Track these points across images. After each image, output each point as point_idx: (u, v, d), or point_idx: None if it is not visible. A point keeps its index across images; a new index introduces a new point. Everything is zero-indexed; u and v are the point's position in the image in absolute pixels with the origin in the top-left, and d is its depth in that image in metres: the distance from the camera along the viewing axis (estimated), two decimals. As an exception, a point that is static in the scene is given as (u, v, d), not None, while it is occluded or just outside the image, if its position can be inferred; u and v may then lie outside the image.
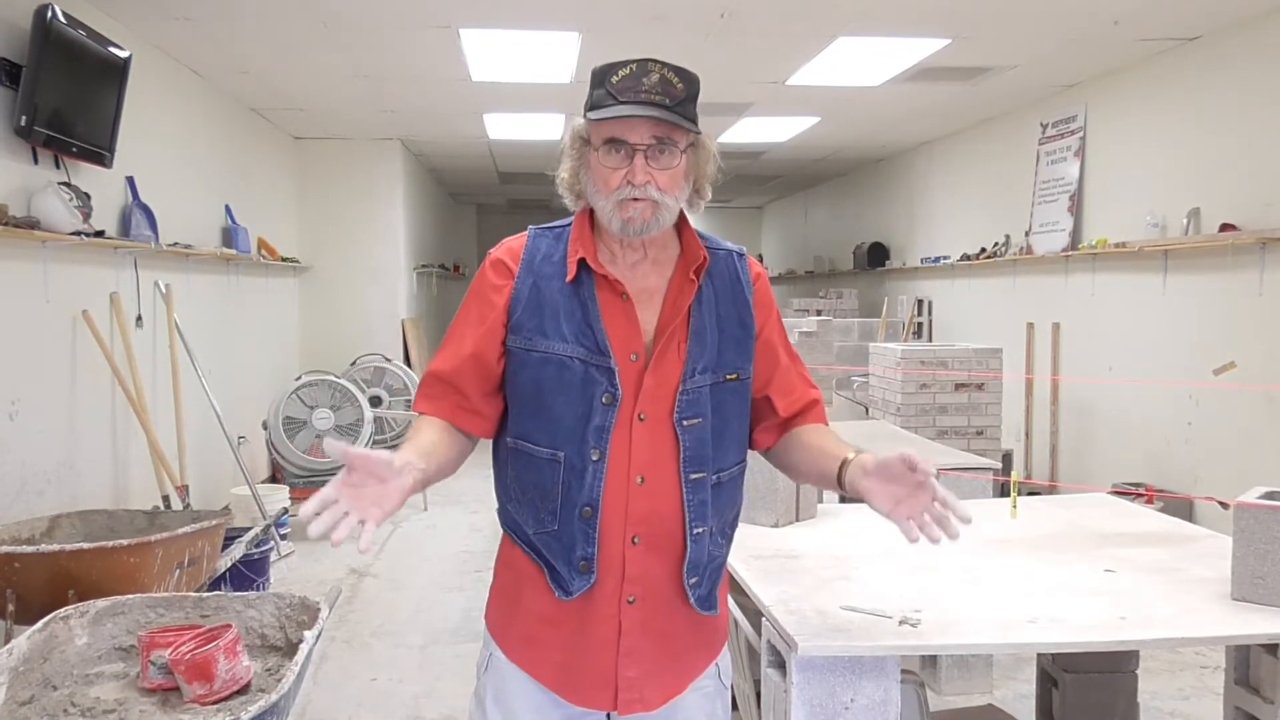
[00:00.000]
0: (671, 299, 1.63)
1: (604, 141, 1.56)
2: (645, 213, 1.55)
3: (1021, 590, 2.18)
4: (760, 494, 2.75)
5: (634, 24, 5.19)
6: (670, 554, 1.61)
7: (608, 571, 1.58)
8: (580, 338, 1.58)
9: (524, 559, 1.65)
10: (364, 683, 3.91)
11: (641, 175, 1.53)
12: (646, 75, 1.53)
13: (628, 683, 1.61)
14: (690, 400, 1.60)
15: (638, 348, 1.59)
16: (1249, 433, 5.00)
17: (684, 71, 1.56)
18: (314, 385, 6.16)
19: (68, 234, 4.15)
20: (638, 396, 1.58)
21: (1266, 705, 2.03)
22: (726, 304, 1.66)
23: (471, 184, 13.18)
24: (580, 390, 1.57)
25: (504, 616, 1.69)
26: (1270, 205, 4.88)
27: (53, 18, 4.01)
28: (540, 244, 1.66)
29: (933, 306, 9.03)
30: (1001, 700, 3.56)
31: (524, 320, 1.60)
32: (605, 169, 1.56)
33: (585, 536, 1.57)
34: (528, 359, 1.59)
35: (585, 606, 1.60)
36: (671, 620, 1.64)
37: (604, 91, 1.55)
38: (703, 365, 1.61)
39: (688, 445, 1.59)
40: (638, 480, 1.58)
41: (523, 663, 1.65)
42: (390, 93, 6.91)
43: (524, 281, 1.62)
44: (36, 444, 4.16)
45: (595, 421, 1.56)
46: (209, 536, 3.56)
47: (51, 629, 2.68)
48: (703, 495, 1.61)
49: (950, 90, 6.82)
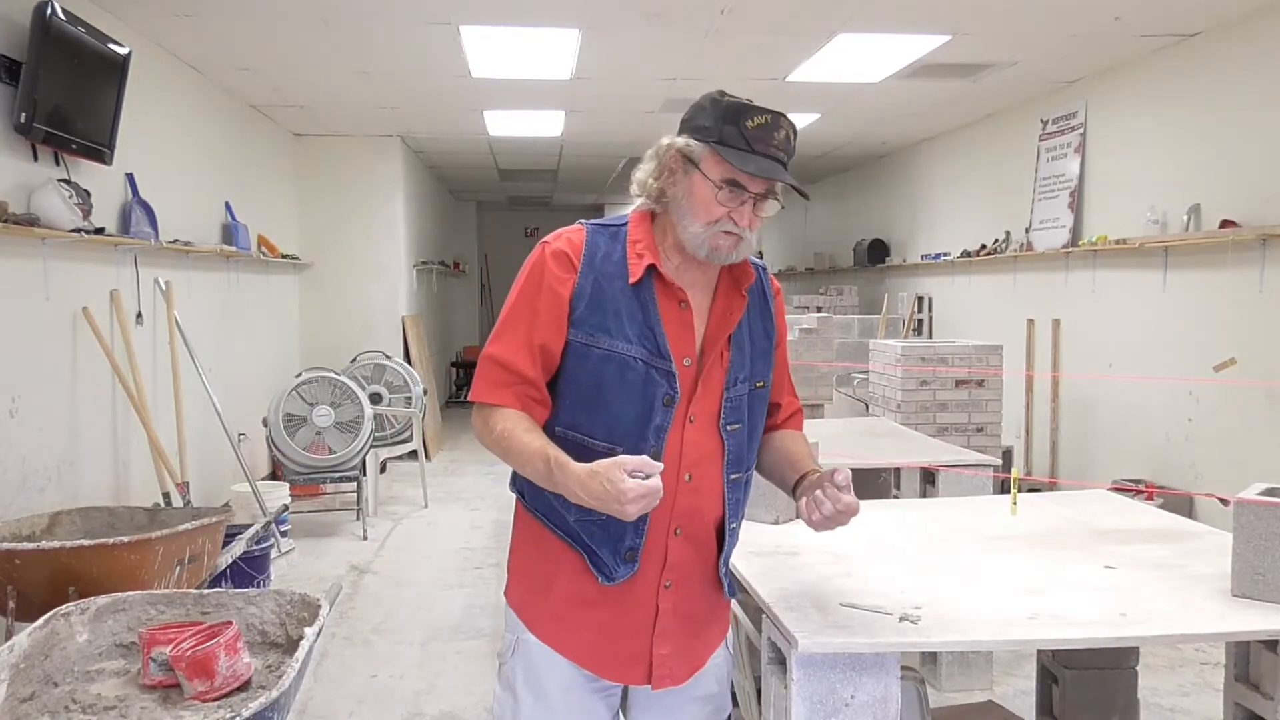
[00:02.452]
0: (719, 312, 1.73)
1: (724, 180, 1.62)
2: (732, 245, 1.66)
3: (1022, 587, 2.18)
4: (761, 491, 2.75)
5: (634, 21, 5.19)
6: (706, 545, 1.75)
7: (650, 560, 1.69)
8: (643, 339, 1.65)
9: (559, 544, 1.71)
10: (364, 679, 3.91)
11: (747, 219, 1.65)
12: (779, 129, 1.62)
13: (661, 659, 1.73)
14: (733, 407, 1.72)
15: (691, 354, 1.69)
16: (1249, 429, 5.00)
17: (796, 130, 1.67)
18: (314, 382, 6.16)
19: (68, 231, 4.15)
20: (690, 400, 1.68)
21: (1267, 701, 2.03)
22: (756, 317, 1.78)
23: (472, 181, 13.17)
24: (642, 390, 1.64)
25: (534, 598, 1.75)
26: (1271, 201, 4.87)
27: (52, 14, 4.01)
28: (599, 241, 1.70)
29: (933, 303, 9.02)
30: (1002, 697, 3.57)
31: (586, 316, 1.65)
32: (713, 201, 1.63)
33: (635, 529, 1.66)
34: (589, 354, 1.65)
35: (625, 591, 1.70)
36: (701, 604, 1.78)
37: (737, 132, 1.60)
38: (743, 375, 1.74)
39: (731, 449, 1.73)
40: (686, 478, 1.69)
41: (551, 640, 1.72)
42: (390, 89, 6.91)
43: (586, 277, 1.67)
44: (37, 441, 4.16)
45: (656, 421, 1.65)
46: (209, 533, 3.56)
47: (52, 626, 2.68)
48: (739, 494, 1.77)
49: (950, 86, 6.82)
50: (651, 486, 1.47)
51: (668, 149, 1.68)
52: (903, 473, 4.21)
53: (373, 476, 6.66)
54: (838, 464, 4.55)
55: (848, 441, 4.31)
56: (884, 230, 10.38)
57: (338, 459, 6.10)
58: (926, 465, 3.90)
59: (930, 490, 3.92)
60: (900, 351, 5.71)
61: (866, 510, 3.07)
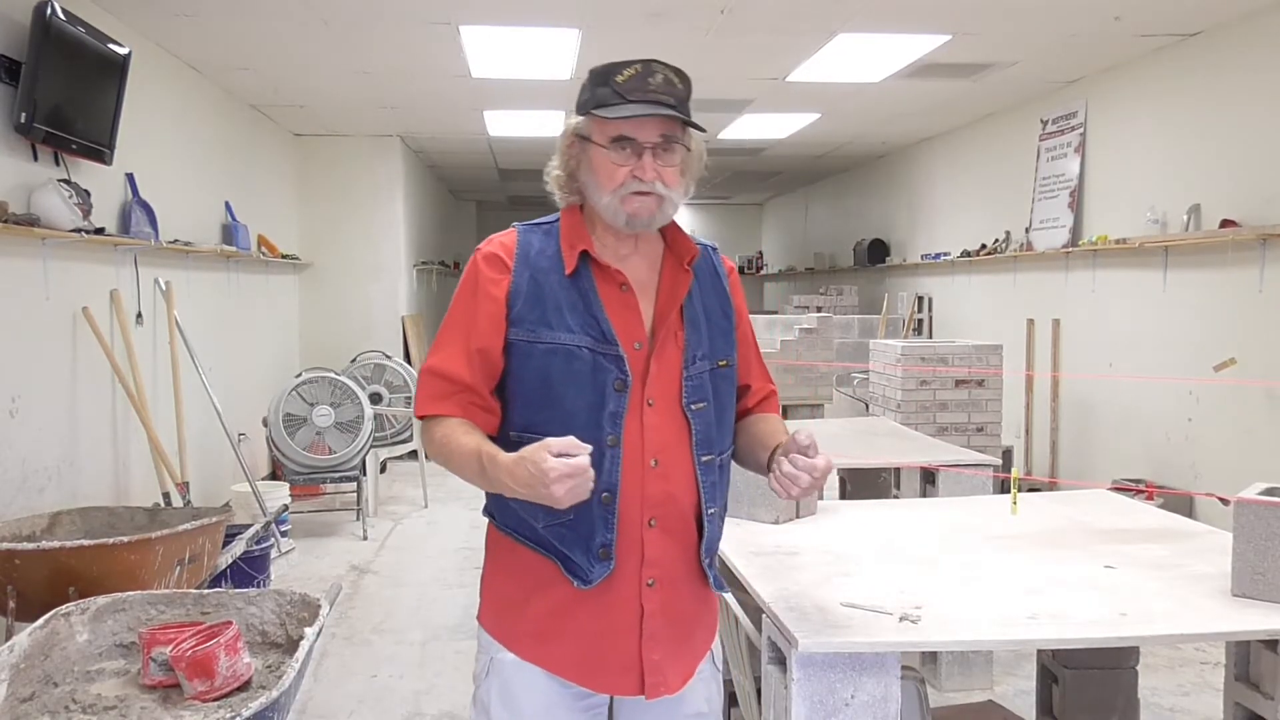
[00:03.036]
0: (666, 290, 1.68)
1: (612, 140, 1.60)
2: (650, 206, 1.62)
3: (1022, 586, 2.18)
4: (761, 491, 2.75)
5: (634, 20, 5.19)
6: (685, 536, 1.67)
7: (627, 556, 1.62)
8: (586, 328, 1.61)
9: (530, 556, 1.65)
10: (364, 679, 3.91)
11: (650, 172, 1.59)
12: (652, 75, 1.58)
13: (653, 666, 1.64)
14: (695, 385, 1.67)
15: (640, 337, 1.64)
16: (1249, 429, 5.00)
17: (682, 72, 1.62)
18: (314, 382, 6.16)
19: (68, 231, 4.14)
20: (645, 382, 1.63)
21: (1267, 701, 2.03)
22: (710, 295, 1.73)
23: (471, 181, 13.17)
24: (591, 379, 1.60)
25: (507, 619, 1.68)
26: (1271, 201, 4.87)
27: (52, 14, 4.00)
28: (531, 239, 1.68)
29: (933, 303, 9.02)
30: (1002, 696, 3.57)
31: (525, 313, 1.62)
32: (611, 165, 1.61)
33: (605, 522, 1.60)
34: (533, 350, 1.61)
35: (605, 593, 1.62)
36: (688, 603, 1.70)
37: (609, 90, 1.59)
38: (701, 353, 1.68)
39: (698, 428, 1.66)
40: (651, 463, 1.62)
41: (536, 659, 1.65)
42: (390, 89, 6.90)
43: (521, 275, 1.64)
44: (37, 441, 4.16)
45: (609, 408, 1.60)
46: (209, 533, 3.57)
47: (52, 626, 2.68)
48: (713, 477, 1.69)
49: (951, 86, 6.82)
50: (576, 465, 1.41)
51: (563, 136, 1.68)
52: (903, 473, 4.21)
53: (373, 476, 6.66)
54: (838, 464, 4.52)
55: (848, 441, 4.31)
56: (884, 230, 10.38)
57: (338, 459, 6.10)
58: (926, 465, 3.90)
59: (930, 490, 3.92)
60: (900, 351, 5.71)
61: (866, 510, 3.08)
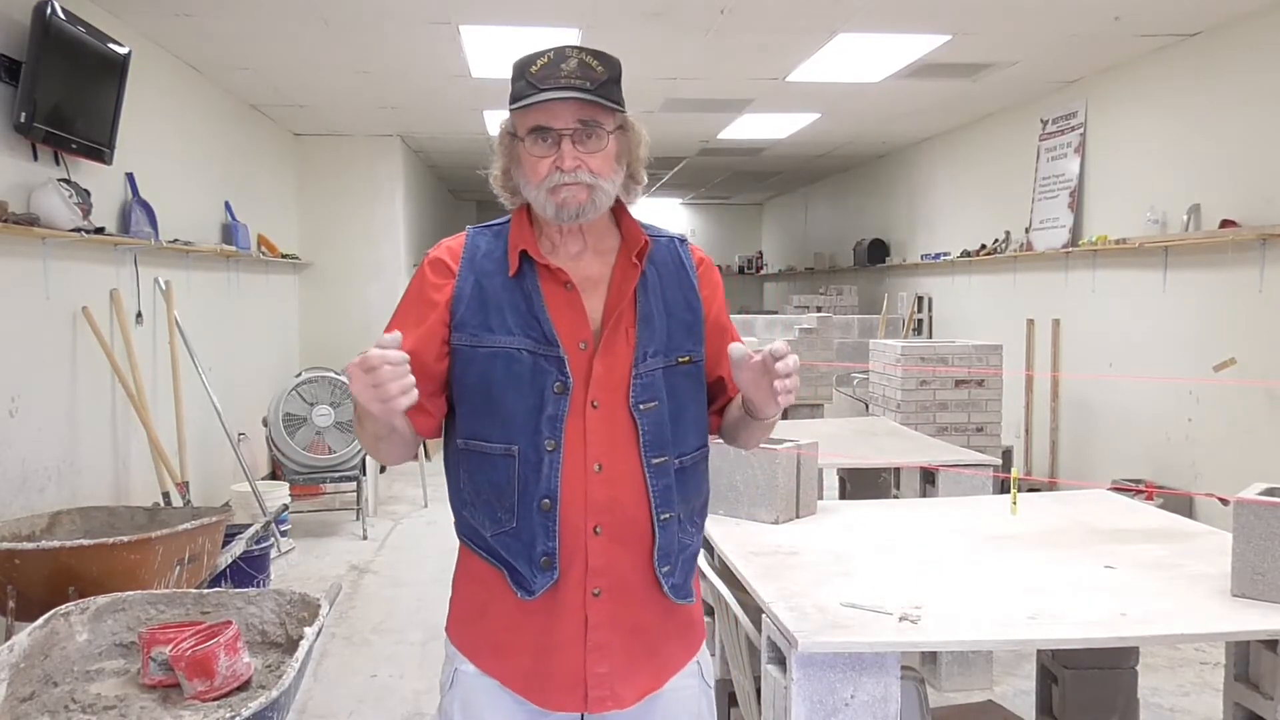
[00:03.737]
0: (616, 285, 1.62)
1: (529, 131, 1.56)
2: (579, 195, 1.55)
3: (1022, 586, 2.18)
4: (760, 491, 2.75)
5: (634, 20, 5.19)
6: (637, 543, 1.58)
7: (570, 565, 1.55)
8: (527, 329, 1.57)
9: (484, 566, 1.61)
10: (364, 679, 3.91)
11: (570, 160, 1.53)
12: (564, 61, 1.53)
13: (598, 679, 1.57)
14: (645, 384, 1.58)
15: (585, 336, 1.58)
16: (1249, 429, 5.00)
17: (603, 55, 1.56)
18: (314, 382, 6.16)
19: (67, 230, 4.14)
20: (589, 384, 1.56)
21: (1266, 701, 2.03)
22: (672, 288, 1.65)
23: (471, 181, 13.16)
24: (530, 382, 1.55)
25: (469, 629, 1.66)
26: (1271, 201, 4.87)
27: (52, 14, 4.00)
28: (480, 242, 1.65)
29: (933, 303, 9.02)
30: (1001, 696, 3.57)
31: (468, 317, 1.59)
32: (533, 158, 1.56)
33: (545, 530, 1.54)
34: (475, 355, 1.58)
35: (549, 604, 1.56)
36: (644, 613, 1.60)
37: (525, 83, 1.55)
38: (654, 349, 1.60)
39: (646, 429, 1.58)
40: (595, 468, 1.55)
41: (495, 672, 1.62)
42: (390, 89, 6.90)
43: (465, 279, 1.61)
44: (37, 440, 4.16)
45: (548, 411, 1.55)
46: (209, 533, 3.57)
47: (52, 625, 2.68)
48: (666, 480, 1.59)
49: (950, 86, 6.82)
50: (373, 354, 1.35)
51: (498, 135, 1.65)
52: (903, 473, 4.21)
53: (372, 476, 6.66)
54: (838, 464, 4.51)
55: (848, 441, 4.31)
56: (884, 230, 10.38)
57: (338, 459, 6.10)
58: (926, 465, 3.90)
59: (930, 490, 3.92)
60: (900, 351, 5.71)
61: (866, 510, 3.09)
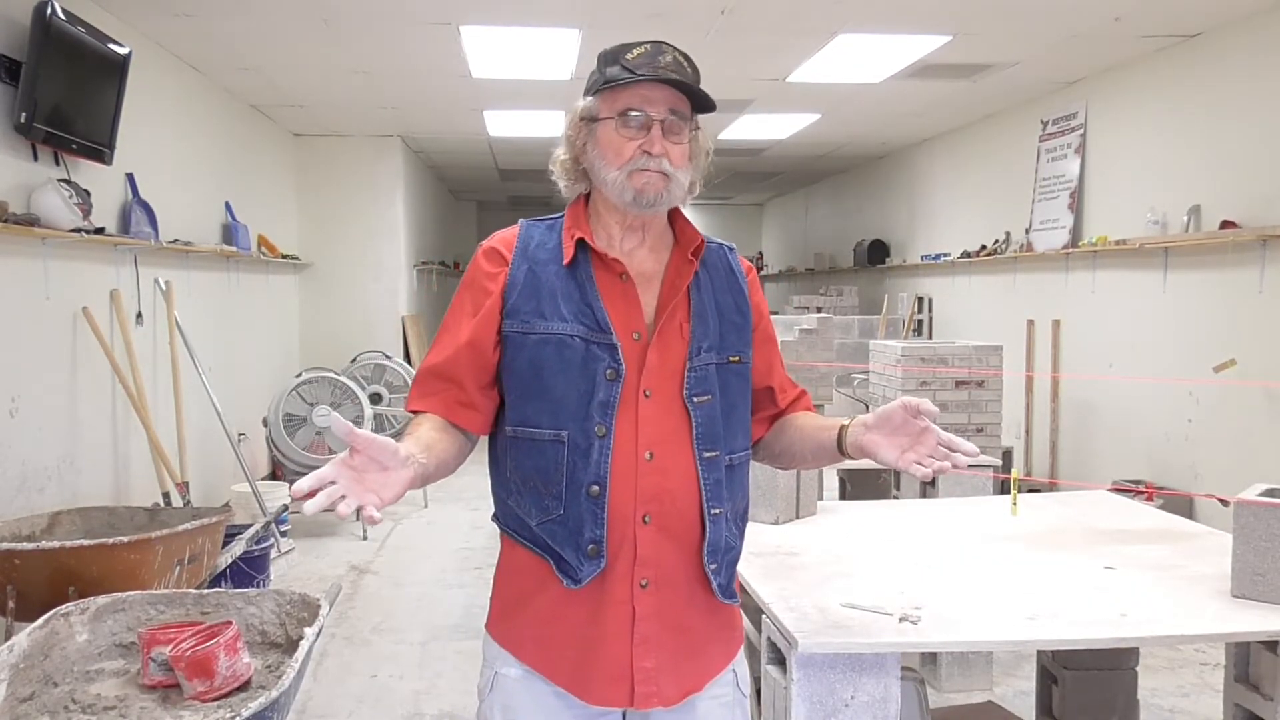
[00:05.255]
0: (670, 280, 1.63)
1: (620, 113, 1.57)
2: (658, 184, 1.57)
3: (1022, 587, 2.18)
4: (761, 491, 2.75)
5: (634, 20, 5.19)
6: (686, 537, 1.58)
7: (618, 554, 1.54)
8: (580, 316, 1.57)
9: (528, 556, 1.60)
10: (364, 679, 3.91)
11: (659, 145, 1.56)
12: (662, 54, 1.57)
13: (644, 674, 1.55)
14: (699, 377, 1.59)
15: (639, 327, 1.59)
16: (1249, 430, 5.00)
17: (690, 57, 1.60)
18: (314, 382, 6.16)
19: (68, 231, 4.14)
20: (642, 372, 1.57)
21: (1266, 702, 2.03)
22: (723, 291, 1.67)
23: (472, 181, 13.17)
24: (581, 368, 1.55)
25: (511, 622, 1.64)
26: (1271, 202, 4.87)
27: (52, 14, 4.00)
28: (533, 233, 1.67)
29: (933, 304, 9.02)
30: (1001, 697, 3.57)
31: (520, 304, 1.59)
32: (619, 139, 1.57)
33: (594, 517, 1.53)
34: (525, 341, 1.58)
35: (596, 593, 1.55)
36: (689, 610, 1.60)
37: (619, 68, 1.57)
38: (708, 345, 1.61)
39: (700, 421, 1.58)
40: (646, 456, 1.55)
41: (538, 665, 1.60)
42: (390, 90, 6.90)
43: (519, 267, 1.62)
44: (37, 441, 4.16)
45: (599, 397, 1.54)
46: (209, 533, 3.57)
47: (52, 626, 2.68)
48: (718, 475, 1.60)
49: (951, 87, 6.82)
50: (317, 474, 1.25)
51: (569, 122, 1.66)
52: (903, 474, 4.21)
53: (373, 476, 6.65)
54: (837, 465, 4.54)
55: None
56: (884, 230, 10.38)
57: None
58: (926, 465, 3.90)
59: (930, 490, 3.92)
60: (900, 352, 5.71)
61: (866, 510, 3.08)
